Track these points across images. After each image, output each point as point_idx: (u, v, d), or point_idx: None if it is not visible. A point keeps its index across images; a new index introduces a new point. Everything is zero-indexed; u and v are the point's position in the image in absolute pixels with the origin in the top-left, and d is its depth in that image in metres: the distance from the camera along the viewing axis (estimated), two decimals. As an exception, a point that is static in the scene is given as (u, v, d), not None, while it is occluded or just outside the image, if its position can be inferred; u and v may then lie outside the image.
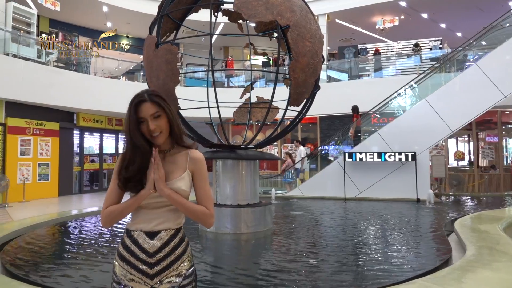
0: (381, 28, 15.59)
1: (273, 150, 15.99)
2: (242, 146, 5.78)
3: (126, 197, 1.63)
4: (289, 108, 5.55)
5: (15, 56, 11.14)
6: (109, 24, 17.11)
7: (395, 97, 11.52)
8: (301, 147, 12.60)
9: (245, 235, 5.52)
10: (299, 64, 4.83)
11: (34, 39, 12.25)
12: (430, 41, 15.05)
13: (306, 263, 4.15)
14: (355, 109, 11.38)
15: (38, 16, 13.00)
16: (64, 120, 13.44)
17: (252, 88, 7.11)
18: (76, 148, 14.46)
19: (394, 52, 15.60)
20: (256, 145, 6.06)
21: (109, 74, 15.94)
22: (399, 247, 4.96)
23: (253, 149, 5.92)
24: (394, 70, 14.47)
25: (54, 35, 14.96)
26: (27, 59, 11.49)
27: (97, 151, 15.64)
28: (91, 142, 15.63)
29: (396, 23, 15.48)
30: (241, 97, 7.23)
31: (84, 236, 5.61)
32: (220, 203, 5.68)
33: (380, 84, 13.11)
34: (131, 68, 17.40)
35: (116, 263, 1.61)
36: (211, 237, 5.51)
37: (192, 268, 1.66)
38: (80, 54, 13.41)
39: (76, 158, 14.44)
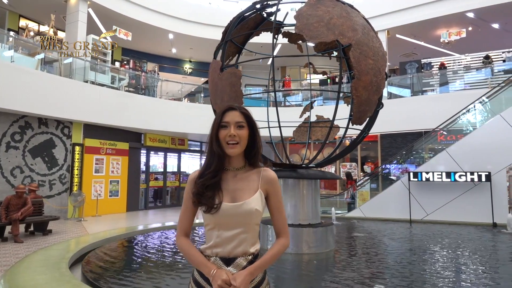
0: (446, 41, 14.83)
1: (331, 169, 15.68)
2: (303, 165, 5.77)
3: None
4: (350, 127, 5.47)
5: (92, 83, 12.30)
6: (174, 50, 18.27)
7: (464, 113, 10.81)
8: None
9: (307, 255, 5.44)
10: (361, 82, 4.77)
11: (109, 66, 13.44)
12: (503, 52, 13.97)
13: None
14: (348, 175, 11.41)
15: (112, 46, 14.29)
16: (133, 140, 14.41)
17: (311, 107, 7.13)
18: (142, 167, 15.40)
19: (462, 66, 14.70)
20: (316, 164, 6.02)
21: (173, 96, 16.91)
22: (476, 278, 4.56)
23: (314, 168, 5.88)
24: (462, 84, 13.61)
25: (125, 62, 16.31)
26: (102, 85, 12.62)
27: (161, 170, 16.51)
28: (156, 161, 16.55)
29: (463, 35, 14.63)
30: (300, 116, 7.25)
31: (151, 250, 5.92)
32: (294, 223, 5.67)
33: (447, 100, 12.40)
34: (192, 90, 18.32)
35: None
36: (273, 257, 5.49)
37: None
38: (148, 79, 14.41)
39: (143, 176, 15.35)
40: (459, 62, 14.99)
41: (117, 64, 15.54)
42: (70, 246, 5.70)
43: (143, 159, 15.36)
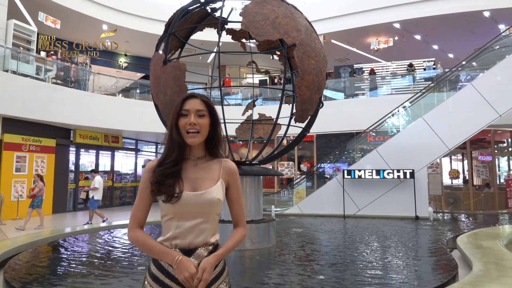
0: (376, 48, 15.99)
1: (269, 167, 15.99)
2: (247, 162, 5.80)
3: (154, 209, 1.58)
4: (291, 125, 5.63)
5: (14, 72, 11.14)
6: (107, 43, 17.25)
7: (389, 117, 11.71)
8: (98, 177, 10.89)
9: (249, 251, 5.48)
10: (304, 81, 4.93)
11: (34, 56, 12.30)
12: (424, 61, 15.44)
13: (313, 279, 4.13)
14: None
15: (38, 33, 13.09)
16: (61, 137, 13.35)
17: (254, 105, 7.20)
18: (71, 165, 14.32)
19: (389, 72, 15.95)
20: (260, 161, 6.09)
21: (106, 91, 15.96)
22: (404, 264, 4.97)
23: (257, 165, 5.95)
24: (389, 89, 14.75)
25: (52, 52, 15.01)
26: (26, 76, 11.50)
27: (92, 168, 15.48)
28: (87, 159, 15.50)
29: (391, 44, 15.91)
30: (243, 114, 7.29)
31: (81, 253, 5.55)
32: (224, 219, 5.65)
33: (375, 103, 13.35)
34: (127, 85, 17.45)
35: (147, 283, 1.50)
36: (215, 254, 5.45)
37: None
38: (79, 71, 13.46)
39: (71, 175, 14.28)
40: (386, 69, 16.24)
41: (43, 53, 14.26)
42: (-13, 252, 5.10)
43: (72, 157, 14.30)
